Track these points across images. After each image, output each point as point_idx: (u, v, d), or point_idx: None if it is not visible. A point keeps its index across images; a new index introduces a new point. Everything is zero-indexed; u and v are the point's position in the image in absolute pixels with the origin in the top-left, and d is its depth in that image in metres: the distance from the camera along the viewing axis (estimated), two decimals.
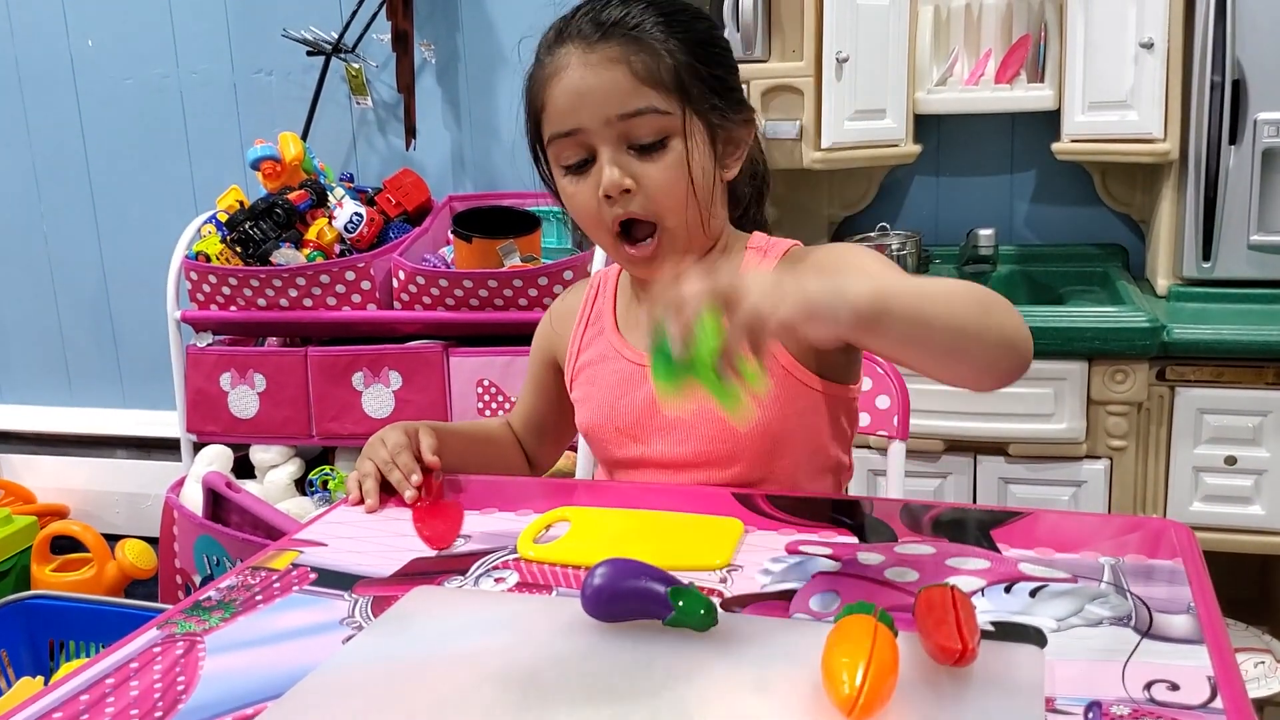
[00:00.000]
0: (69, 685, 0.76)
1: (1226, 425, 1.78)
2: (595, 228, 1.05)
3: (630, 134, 1.01)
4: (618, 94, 1.00)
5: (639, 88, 1.00)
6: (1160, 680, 0.69)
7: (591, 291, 1.21)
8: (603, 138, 1.01)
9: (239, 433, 2.35)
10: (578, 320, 1.20)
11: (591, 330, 1.18)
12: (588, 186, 1.03)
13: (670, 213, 1.03)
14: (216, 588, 0.90)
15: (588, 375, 1.16)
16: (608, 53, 1.00)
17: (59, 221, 2.88)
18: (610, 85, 1.00)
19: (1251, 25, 1.80)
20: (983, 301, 0.85)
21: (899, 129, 2.11)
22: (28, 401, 3.03)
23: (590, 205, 1.03)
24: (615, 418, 1.13)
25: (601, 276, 1.21)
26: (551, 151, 1.05)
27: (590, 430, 1.16)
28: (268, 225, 2.27)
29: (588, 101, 1.00)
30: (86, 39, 2.75)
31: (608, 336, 1.15)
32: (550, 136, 1.04)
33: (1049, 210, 2.28)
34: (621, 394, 1.12)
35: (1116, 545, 0.89)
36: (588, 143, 1.02)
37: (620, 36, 1.00)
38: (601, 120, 1.00)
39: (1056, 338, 1.78)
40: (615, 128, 1.00)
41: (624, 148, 1.01)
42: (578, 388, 1.17)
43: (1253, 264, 1.88)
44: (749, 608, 0.81)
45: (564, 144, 1.03)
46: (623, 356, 1.13)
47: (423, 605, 0.85)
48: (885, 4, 2.06)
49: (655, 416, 1.10)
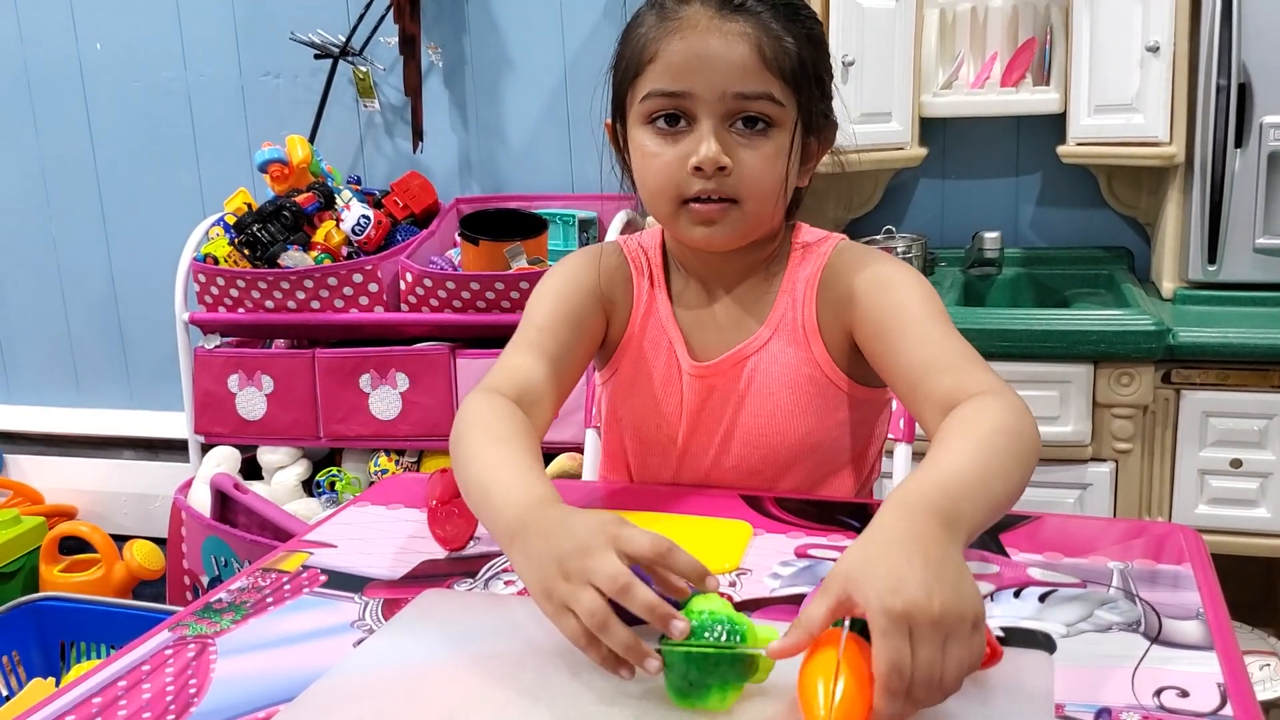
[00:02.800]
0: (81, 688, 0.76)
1: (1232, 428, 1.78)
2: (662, 191, 1.01)
3: (738, 113, 0.98)
4: (742, 71, 0.97)
5: (763, 71, 0.97)
6: (1170, 687, 0.69)
7: (633, 264, 1.13)
8: (711, 109, 0.97)
9: (247, 434, 2.36)
10: (635, 295, 1.12)
11: (644, 313, 1.11)
12: (676, 151, 0.99)
13: (753, 198, 1.00)
14: (227, 589, 0.91)
15: (640, 365, 1.11)
16: (741, 27, 0.97)
17: (67, 224, 2.89)
18: (738, 60, 0.97)
19: (1257, 28, 1.80)
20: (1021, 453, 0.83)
21: (905, 132, 2.11)
22: (36, 402, 3.04)
23: (670, 169, 0.99)
24: (659, 416, 1.11)
25: (637, 253, 1.14)
26: (644, 105, 1.00)
27: (630, 422, 1.13)
28: (275, 228, 2.28)
29: (708, 67, 0.96)
30: (95, 42, 2.76)
31: (664, 327, 1.11)
32: (651, 91, 0.99)
33: (1054, 213, 2.28)
34: (667, 393, 1.10)
35: (1125, 549, 0.89)
36: (690, 109, 0.98)
37: (753, 15, 0.98)
38: (718, 92, 0.97)
39: (1062, 341, 1.78)
40: (727, 104, 0.98)
41: (726, 125, 0.99)
42: (624, 374, 1.12)
43: (1258, 267, 1.88)
44: (759, 612, 0.81)
45: (663, 102, 0.99)
46: (674, 354, 1.10)
47: (433, 608, 0.85)
48: (891, 7, 2.06)
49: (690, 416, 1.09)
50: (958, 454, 0.80)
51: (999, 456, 0.81)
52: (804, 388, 1.06)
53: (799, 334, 1.06)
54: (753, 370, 1.07)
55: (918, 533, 0.68)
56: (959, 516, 0.71)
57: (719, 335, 1.09)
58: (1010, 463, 0.81)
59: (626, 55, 1.03)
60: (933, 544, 0.67)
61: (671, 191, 1.00)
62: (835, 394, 1.07)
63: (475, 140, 2.57)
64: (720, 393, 1.08)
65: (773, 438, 1.07)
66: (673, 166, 0.99)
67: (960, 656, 0.64)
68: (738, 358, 1.07)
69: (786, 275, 1.08)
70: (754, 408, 1.07)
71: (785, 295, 1.08)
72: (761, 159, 0.99)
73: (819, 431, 1.07)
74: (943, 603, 0.63)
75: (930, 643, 0.62)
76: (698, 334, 1.10)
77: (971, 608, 0.65)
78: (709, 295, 1.10)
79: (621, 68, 1.03)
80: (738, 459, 1.08)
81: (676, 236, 1.08)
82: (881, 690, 0.62)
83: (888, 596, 0.63)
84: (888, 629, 0.62)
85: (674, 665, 0.67)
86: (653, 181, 1.02)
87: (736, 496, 1.04)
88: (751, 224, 1.02)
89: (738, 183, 0.99)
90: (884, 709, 0.62)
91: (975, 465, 0.78)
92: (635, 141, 1.03)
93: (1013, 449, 0.82)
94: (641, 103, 1.00)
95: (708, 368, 1.08)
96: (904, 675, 0.62)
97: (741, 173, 0.99)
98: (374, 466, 2.33)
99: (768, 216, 1.04)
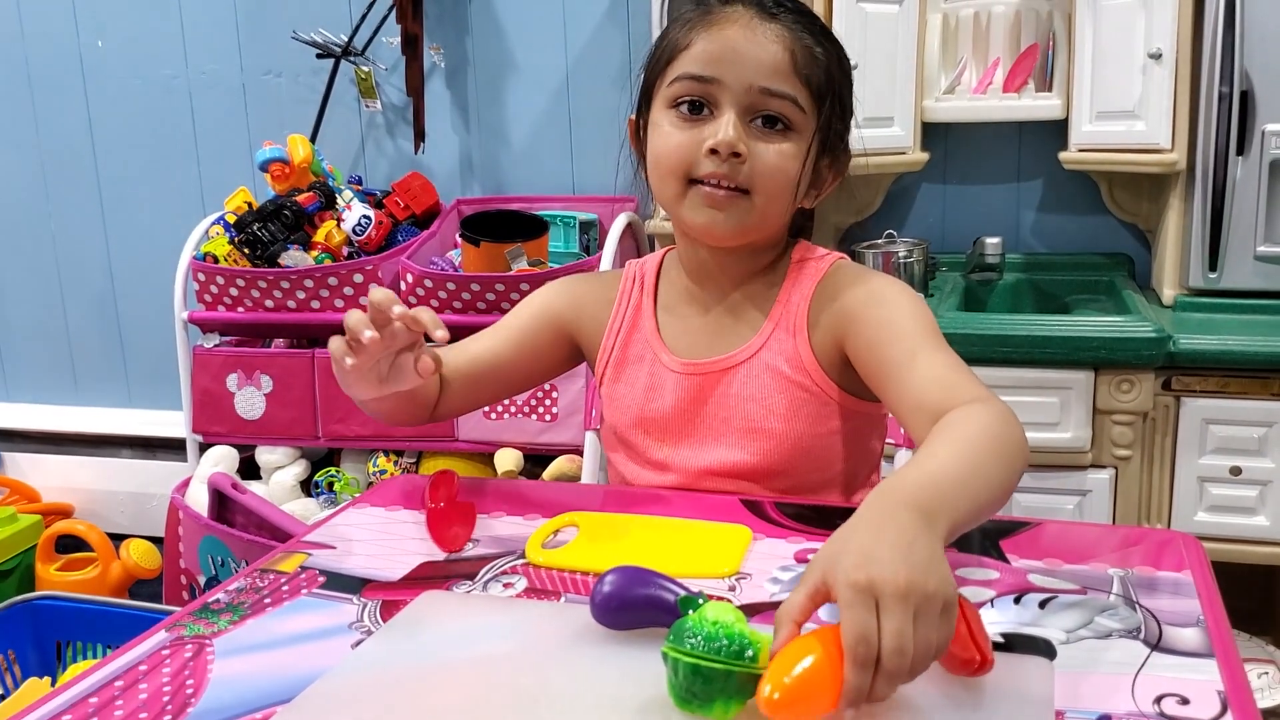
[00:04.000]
0: (77, 688, 0.76)
1: (1232, 436, 1.78)
2: (673, 171, 1.03)
3: (760, 109, 1.01)
4: (772, 69, 1.00)
5: (792, 75, 1.01)
6: (1170, 694, 0.69)
7: (627, 285, 1.17)
8: (735, 99, 1.00)
9: (245, 434, 2.35)
10: (614, 312, 1.16)
11: (628, 326, 1.15)
12: (692, 133, 1.01)
13: (762, 193, 1.02)
14: (225, 590, 0.90)
15: (624, 374, 1.14)
16: (777, 31, 1.01)
17: (67, 221, 2.89)
18: (769, 58, 1.00)
19: (1260, 36, 1.80)
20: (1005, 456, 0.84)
21: (907, 137, 2.11)
22: (34, 400, 3.04)
23: (683, 149, 1.01)
24: (645, 420, 1.12)
25: (636, 270, 1.18)
26: (671, 89, 1.03)
27: (618, 428, 1.15)
28: (276, 227, 2.27)
29: (739, 59, 1.00)
30: (96, 39, 2.76)
31: (647, 337, 1.13)
32: (680, 75, 1.02)
33: (1056, 219, 2.28)
34: (653, 396, 1.12)
35: (1125, 556, 0.89)
36: (715, 96, 1.01)
37: (790, 25, 1.02)
38: (744, 84, 1.00)
39: (1062, 347, 1.78)
40: (752, 97, 1.00)
41: (746, 119, 1.01)
42: (610, 384, 1.16)
43: (1259, 275, 1.88)
44: (758, 617, 0.81)
45: (690, 86, 1.01)
46: (659, 360, 1.12)
47: (432, 610, 0.85)
48: (894, 12, 2.06)
49: (684, 420, 1.10)
50: (940, 453, 0.81)
51: (982, 457, 0.81)
52: (795, 395, 1.07)
53: (791, 345, 1.07)
54: (744, 377, 1.08)
55: (892, 517, 0.69)
56: (936, 509, 0.72)
57: (710, 342, 1.10)
58: (993, 464, 0.82)
59: (662, 45, 1.06)
60: (906, 527, 0.68)
61: (682, 170, 1.02)
62: (827, 404, 1.08)
63: (477, 141, 2.57)
64: (711, 398, 1.09)
65: (764, 443, 1.07)
66: (687, 146, 1.01)
67: (928, 635, 0.63)
68: (729, 363, 1.08)
69: (783, 288, 1.10)
70: (745, 413, 1.08)
71: (780, 306, 1.09)
72: (777, 154, 1.01)
73: (809, 439, 1.08)
74: (909, 578, 0.63)
75: (896, 614, 0.62)
76: (685, 340, 1.12)
77: (941, 589, 0.64)
78: (702, 302, 1.12)
79: (656, 56, 1.06)
80: (729, 464, 1.09)
81: (679, 222, 1.08)
82: (850, 661, 0.62)
83: (853, 571, 0.64)
84: (852, 600, 0.63)
85: (679, 673, 0.67)
86: (665, 159, 1.03)
87: (736, 501, 1.04)
88: (756, 219, 1.03)
89: (750, 173, 1.01)
90: (853, 680, 0.62)
91: (957, 464, 0.79)
92: (655, 125, 1.05)
93: (997, 451, 0.83)
94: (669, 86, 1.03)
95: (697, 373, 1.09)
96: (870, 645, 0.62)
97: (755, 164, 1.00)
98: (373, 467, 2.33)
99: (773, 217, 1.05)
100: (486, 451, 2.24)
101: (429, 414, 1.14)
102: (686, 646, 0.66)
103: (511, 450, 2.21)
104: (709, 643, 0.66)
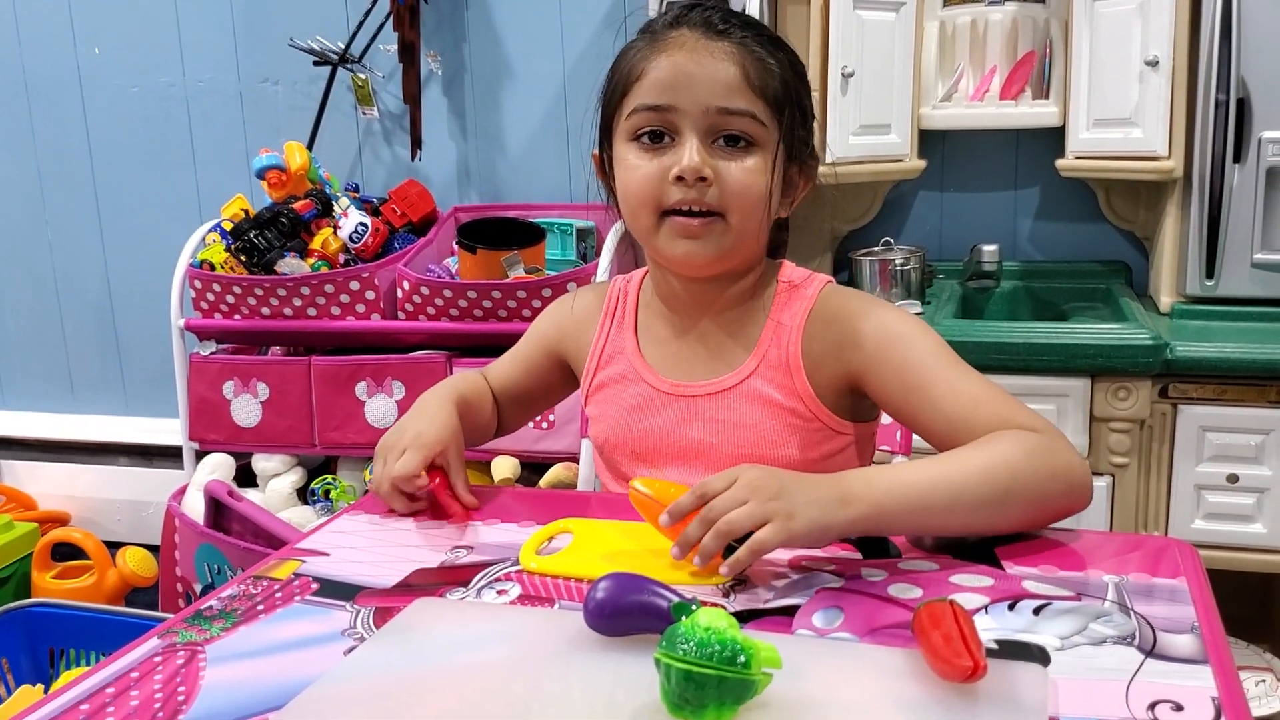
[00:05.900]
0: (69, 694, 0.76)
1: (1229, 443, 1.77)
2: (644, 204, 1.02)
3: (720, 130, 1.00)
4: (726, 87, 0.99)
5: (747, 90, 1.00)
6: (1164, 700, 0.68)
7: (610, 302, 1.17)
8: (694, 124, 1.00)
9: (241, 441, 2.35)
10: (598, 331, 1.16)
11: (612, 346, 1.15)
12: (657, 163, 1.01)
13: (736, 211, 1.01)
14: (218, 597, 0.90)
15: (607, 394, 1.14)
16: (727, 47, 1.01)
17: (64, 228, 2.89)
18: (722, 77, 1.00)
19: (1257, 44, 1.80)
20: (1004, 480, 0.87)
21: (904, 144, 2.11)
22: (30, 408, 3.03)
23: (650, 180, 1.01)
24: (631, 441, 1.12)
25: (620, 287, 1.18)
26: (629, 121, 1.03)
27: (604, 448, 1.16)
28: (272, 234, 2.27)
29: (693, 83, 0.99)
30: (93, 47, 2.76)
31: (629, 357, 1.13)
32: (637, 106, 1.02)
33: (1053, 227, 2.28)
34: (639, 418, 1.11)
35: (1120, 563, 0.89)
36: (674, 123, 1.00)
37: (739, 40, 1.01)
38: (701, 107, 0.99)
39: (1059, 354, 1.78)
40: (710, 119, 1.00)
41: (709, 141, 1.00)
42: (595, 404, 1.16)
43: (1256, 282, 1.88)
44: (752, 623, 0.81)
45: (648, 117, 1.01)
46: (643, 380, 1.11)
47: (425, 617, 0.84)
48: (891, 19, 2.07)
49: (670, 443, 1.10)
50: (918, 464, 0.87)
51: (968, 479, 0.85)
52: (788, 420, 1.06)
53: (784, 370, 1.06)
54: (735, 401, 1.07)
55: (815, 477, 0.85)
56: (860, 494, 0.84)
57: (697, 366, 1.10)
58: (985, 491, 0.85)
59: (615, 78, 1.05)
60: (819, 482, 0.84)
61: (652, 203, 1.02)
62: (819, 429, 1.07)
63: (474, 149, 2.58)
64: (701, 423, 1.08)
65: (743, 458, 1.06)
66: (654, 177, 1.01)
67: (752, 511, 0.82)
68: (719, 387, 1.08)
69: (772, 312, 1.08)
70: (737, 439, 1.07)
71: (770, 331, 1.08)
72: (743, 171, 1.01)
73: (803, 465, 1.06)
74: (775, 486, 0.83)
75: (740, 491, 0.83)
76: (669, 365, 1.11)
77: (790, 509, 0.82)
78: (686, 327, 1.11)
79: (610, 90, 1.06)
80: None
81: (656, 254, 1.08)
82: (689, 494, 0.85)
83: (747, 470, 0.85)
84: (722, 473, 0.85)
85: (672, 679, 0.67)
86: (634, 194, 1.03)
87: None
88: (734, 241, 1.03)
89: (720, 194, 1.00)
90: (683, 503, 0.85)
91: (919, 475, 0.84)
92: (620, 158, 1.05)
93: (997, 481, 0.85)
94: (627, 119, 1.03)
95: (686, 398, 1.09)
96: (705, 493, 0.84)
97: (724, 184, 1.00)
98: (369, 475, 2.32)
99: (751, 235, 1.04)
100: (483, 459, 2.24)
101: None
102: (679, 652, 0.66)
103: (508, 458, 2.21)
104: (702, 648, 0.66)
